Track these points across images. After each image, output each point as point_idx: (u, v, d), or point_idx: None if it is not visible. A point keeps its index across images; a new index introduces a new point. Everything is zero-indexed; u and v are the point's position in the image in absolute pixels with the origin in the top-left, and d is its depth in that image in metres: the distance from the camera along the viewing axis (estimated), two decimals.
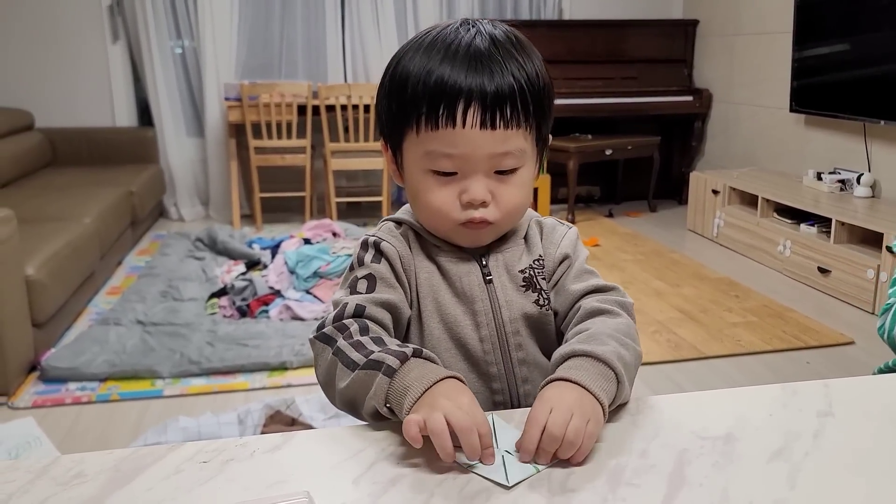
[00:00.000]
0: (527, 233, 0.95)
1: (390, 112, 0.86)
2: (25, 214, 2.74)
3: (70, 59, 4.71)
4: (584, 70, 4.95)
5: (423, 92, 0.82)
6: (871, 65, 3.61)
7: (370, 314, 0.84)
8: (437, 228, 0.89)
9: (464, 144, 0.81)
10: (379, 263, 0.88)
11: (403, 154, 0.87)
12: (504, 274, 0.91)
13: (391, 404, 0.72)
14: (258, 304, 3.08)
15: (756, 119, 4.69)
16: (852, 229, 3.33)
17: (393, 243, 0.90)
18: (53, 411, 2.31)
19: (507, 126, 0.82)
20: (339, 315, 0.83)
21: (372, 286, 0.87)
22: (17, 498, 0.63)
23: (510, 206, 0.86)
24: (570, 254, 0.95)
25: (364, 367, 0.75)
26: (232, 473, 0.67)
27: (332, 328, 0.82)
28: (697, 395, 0.83)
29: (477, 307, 0.89)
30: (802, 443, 0.71)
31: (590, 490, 0.64)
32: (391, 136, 0.89)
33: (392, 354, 0.74)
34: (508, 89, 0.81)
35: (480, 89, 0.80)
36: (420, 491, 0.64)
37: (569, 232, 0.97)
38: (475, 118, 0.81)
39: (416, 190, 0.87)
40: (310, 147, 4.62)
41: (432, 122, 0.81)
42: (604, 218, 4.97)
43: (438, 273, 0.90)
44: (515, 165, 0.85)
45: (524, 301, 0.91)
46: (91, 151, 4.64)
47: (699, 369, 2.63)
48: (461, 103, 0.80)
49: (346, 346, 0.78)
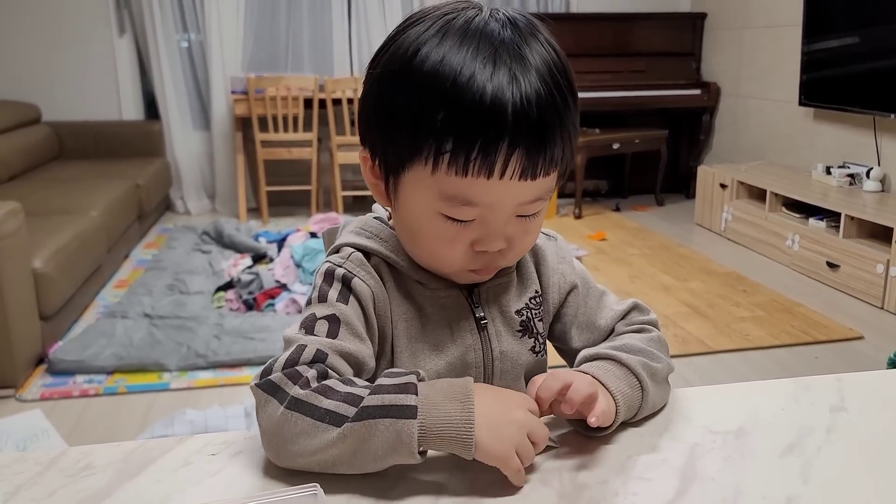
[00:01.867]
0: (518, 262, 0.81)
1: (390, 134, 0.68)
2: (33, 207, 2.75)
3: (77, 53, 4.71)
4: (591, 63, 4.93)
5: (452, 124, 0.63)
6: (881, 58, 3.58)
7: (332, 364, 0.66)
8: (435, 269, 0.75)
9: (495, 195, 0.66)
10: (346, 304, 0.71)
11: (402, 183, 0.69)
12: (499, 316, 0.78)
13: (427, 445, 0.61)
14: (264, 298, 3.08)
15: (765, 113, 4.66)
16: (861, 224, 3.31)
17: (367, 281, 0.73)
18: (61, 404, 2.32)
19: (547, 172, 0.67)
20: (292, 359, 0.65)
21: (334, 331, 0.69)
22: (26, 489, 0.63)
23: (525, 248, 0.74)
24: (576, 281, 0.83)
25: (361, 418, 0.60)
26: (241, 466, 0.66)
27: (281, 375, 0.64)
28: (708, 389, 0.82)
29: (468, 358, 0.76)
30: (815, 437, 0.70)
31: (601, 485, 0.63)
32: (386, 159, 0.70)
33: (396, 391, 0.61)
34: (554, 122, 0.65)
35: (526, 125, 0.63)
36: (430, 484, 0.63)
37: (559, 247, 0.84)
38: (516, 169, 0.64)
39: (416, 230, 0.71)
40: (316, 140, 4.62)
41: (458, 166, 0.64)
42: (611, 212, 4.95)
43: (419, 319, 0.75)
44: (540, 208, 0.71)
45: (520, 349, 0.79)
46: (98, 145, 4.65)
47: (707, 364, 2.62)
48: (503, 151, 0.63)
49: (307, 395, 0.62)
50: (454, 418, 0.61)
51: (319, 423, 0.61)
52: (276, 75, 4.61)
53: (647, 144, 4.92)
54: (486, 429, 0.61)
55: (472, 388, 0.63)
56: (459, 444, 0.61)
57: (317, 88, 4.52)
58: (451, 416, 0.61)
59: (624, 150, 4.87)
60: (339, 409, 0.61)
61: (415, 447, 0.60)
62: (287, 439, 0.62)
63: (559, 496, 0.62)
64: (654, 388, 0.74)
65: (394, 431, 0.59)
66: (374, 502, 0.61)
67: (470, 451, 0.61)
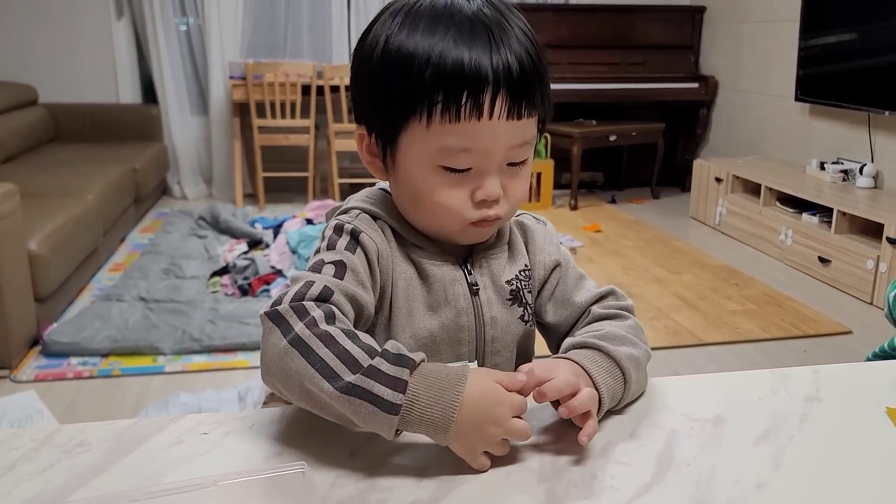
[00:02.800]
0: (510, 237, 0.87)
1: (385, 100, 0.74)
2: (28, 189, 2.75)
3: (74, 35, 4.69)
4: (589, 55, 4.94)
5: (439, 76, 0.70)
6: (877, 55, 3.60)
7: (337, 301, 0.70)
8: (440, 229, 0.79)
9: (486, 138, 0.72)
10: (353, 254, 0.76)
11: (399, 147, 0.76)
12: (490, 285, 0.83)
13: (405, 429, 0.64)
14: (260, 284, 3.10)
15: (761, 107, 4.68)
16: (853, 220, 3.34)
17: (374, 237, 0.78)
18: (55, 385, 2.33)
19: (531, 114, 0.74)
20: (300, 294, 0.69)
21: (340, 273, 0.73)
22: (22, 464, 0.65)
23: (518, 198, 0.79)
24: (560, 259, 0.88)
25: (350, 393, 0.62)
26: (231, 445, 0.68)
27: (288, 307, 0.67)
28: (689, 378, 0.84)
29: (461, 321, 0.80)
30: (789, 426, 0.72)
31: (580, 468, 0.65)
32: (381, 126, 0.76)
33: (387, 384, 0.63)
34: (530, 66, 0.72)
35: (507, 71, 0.71)
36: (415, 465, 0.65)
37: (547, 231, 0.90)
38: (503, 108, 0.71)
39: (417, 189, 0.76)
40: (313, 127, 4.62)
41: (451, 114, 0.71)
42: (606, 204, 4.97)
43: (418, 278, 0.80)
44: (527, 156, 0.77)
45: (510, 317, 0.83)
46: (94, 128, 4.64)
47: (696, 356, 2.64)
48: (489, 91, 0.70)
49: (310, 338, 0.65)
50: (435, 421, 0.63)
51: (313, 371, 0.63)
52: (275, 61, 4.60)
53: (643, 137, 4.93)
54: (460, 436, 0.64)
55: (462, 392, 0.63)
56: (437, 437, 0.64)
57: (315, 75, 4.52)
58: (433, 419, 0.63)
59: (621, 143, 4.88)
60: (335, 364, 0.63)
61: (392, 434, 0.63)
62: (284, 374, 0.65)
63: (539, 478, 0.64)
64: (637, 379, 0.76)
65: (376, 420, 0.63)
66: (361, 480, 0.63)
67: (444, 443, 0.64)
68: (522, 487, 0.62)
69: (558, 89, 4.75)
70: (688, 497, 0.61)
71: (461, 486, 0.62)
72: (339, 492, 0.61)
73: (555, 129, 4.74)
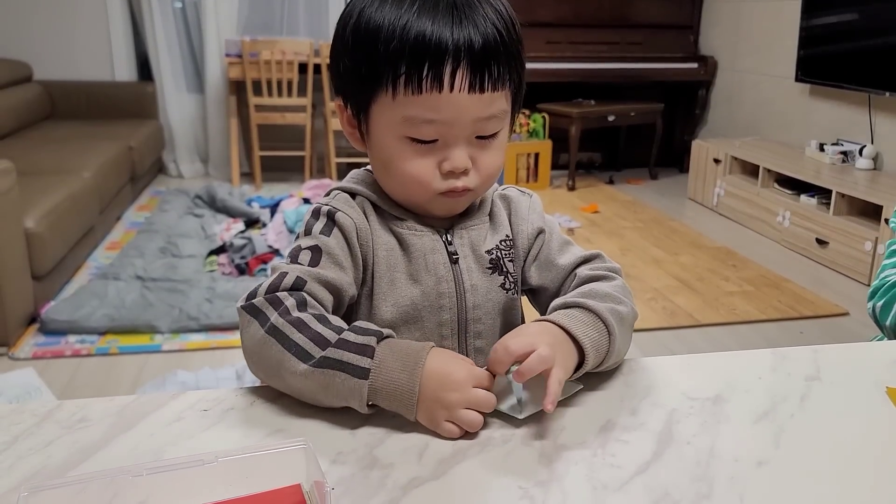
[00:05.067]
0: (492, 209, 0.88)
1: (355, 71, 0.76)
2: (24, 167, 2.73)
3: (69, 11, 4.64)
4: (588, 34, 4.90)
5: (402, 49, 0.72)
6: (878, 35, 3.58)
7: (310, 290, 0.74)
8: (410, 198, 0.82)
9: (449, 110, 0.73)
10: (329, 236, 0.79)
11: (371, 117, 0.78)
12: (470, 254, 0.84)
13: (376, 401, 0.67)
14: (257, 263, 3.09)
15: (761, 88, 4.66)
16: (852, 201, 3.34)
17: (350, 214, 0.81)
18: (53, 363, 2.34)
19: (495, 88, 0.75)
20: (274, 285, 0.73)
21: (316, 260, 0.77)
22: (24, 440, 0.65)
23: (490, 171, 0.80)
24: (543, 226, 0.89)
25: (323, 366, 0.67)
26: (232, 421, 0.68)
27: (263, 300, 0.71)
28: (689, 357, 0.84)
29: (442, 288, 0.82)
30: (789, 405, 0.72)
31: (580, 445, 0.65)
32: (354, 97, 0.79)
33: (355, 351, 0.67)
34: (494, 42, 0.73)
35: (469, 45, 0.72)
36: (415, 442, 0.65)
37: (532, 202, 0.90)
38: (464, 80, 0.72)
39: (387, 158, 0.78)
40: (310, 106, 4.59)
41: (413, 85, 0.72)
42: (604, 185, 4.96)
43: (399, 248, 0.82)
44: (497, 129, 0.78)
45: (490, 284, 0.84)
46: (90, 105, 4.61)
47: (693, 337, 2.65)
48: (449, 63, 0.72)
49: (283, 325, 0.69)
50: (401, 387, 0.66)
51: (289, 355, 0.68)
52: (271, 39, 4.56)
53: (642, 117, 4.91)
54: (424, 405, 0.67)
55: (424, 359, 0.67)
56: (403, 409, 0.67)
57: (312, 53, 4.48)
58: (398, 383, 0.66)
59: (619, 123, 4.86)
60: (307, 346, 0.68)
61: (364, 403, 0.67)
62: (265, 362, 0.70)
63: (540, 455, 0.64)
64: (622, 334, 0.76)
65: (347, 387, 0.66)
66: (362, 457, 0.63)
67: (412, 416, 0.67)
68: (522, 465, 0.62)
69: (557, 68, 4.73)
70: (688, 475, 0.61)
71: (461, 464, 0.62)
72: (341, 468, 0.61)
73: (553, 109, 4.71)
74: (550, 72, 4.68)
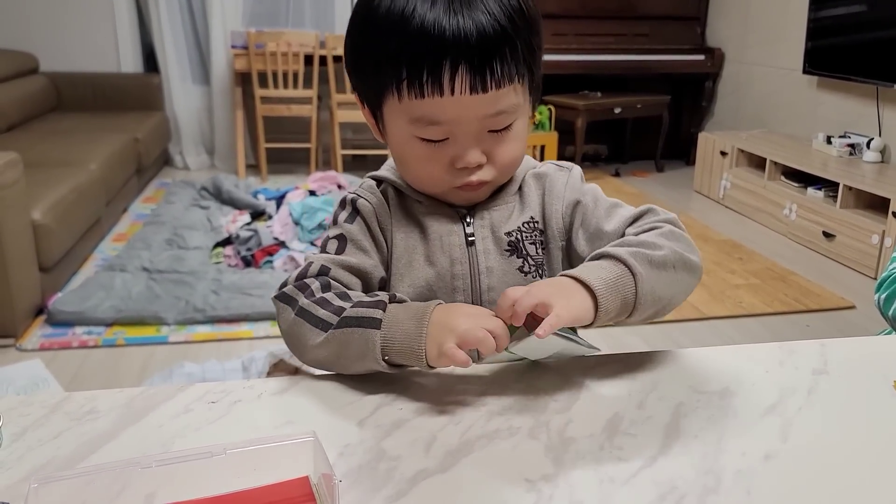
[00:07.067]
0: (521, 188, 0.87)
1: (365, 74, 0.78)
2: (31, 159, 2.74)
3: (75, 3, 4.64)
4: (595, 26, 4.87)
5: (402, 54, 0.72)
6: (886, 27, 3.55)
7: (335, 276, 0.79)
8: (427, 191, 0.84)
9: (453, 111, 0.74)
10: (352, 223, 0.84)
11: (384, 117, 0.79)
12: (489, 236, 0.85)
13: (390, 355, 0.70)
14: (262, 255, 3.10)
15: (768, 80, 4.63)
16: (859, 194, 3.32)
17: (370, 200, 0.85)
18: (60, 354, 2.35)
19: (499, 85, 0.73)
20: (301, 274, 0.79)
21: (341, 247, 0.82)
22: (33, 431, 0.65)
23: (506, 162, 0.80)
24: (580, 198, 0.86)
25: (340, 326, 0.71)
26: (239, 414, 0.69)
27: (292, 287, 0.78)
28: (696, 350, 0.84)
29: (456, 270, 0.84)
30: (796, 399, 0.72)
31: (587, 438, 0.65)
32: (368, 98, 0.81)
33: (369, 306, 0.72)
34: (496, 38, 0.72)
35: (466, 46, 0.71)
36: (422, 434, 0.65)
37: (571, 177, 0.88)
38: (464, 84, 0.72)
39: (401, 156, 0.81)
40: (316, 98, 4.58)
41: (416, 90, 0.73)
42: (610, 177, 4.95)
43: (418, 232, 0.85)
44: (509, 122, 0.77)
45: (507, 267, 0.85)
46: (96, 97, 4.61)
47: (699, 329, 2.65)
48: (447, 67, 0.71)
49: (309, 305, 0.74)
50: (410, 333, 0.69)
51: (314, 329, 0.73)
52: (277, 30, 4.55)
53: (648, 110, 4.89)
54: (431, 340, 0.69)
55: (432, 309, 0.71)
56: (413, 357, 0.69)
57: (318, 45, 4.47)
58: (408, 331, 0.69)
59: (625, 115, 4.84)
60: (329, 318, 0.73)
61: (378, 354, 0.69)
62: (296, 340, 0.75)
63: (546, 448, 0.64)
64: (652, 273, 0.72)
65: (363, 339, 0.70)
66: (369, 450, 0.63)
67: (422, 361, 0.69)
68: (529, 457, 0.63)
69: (564, 60, 4.70)
70: (695, 469, 0.61)
71: (468, 456, 0.63)
72: (348, 461, 0.62)
73: (559, 101, 4.70)
74: (556, 63, 4.66)
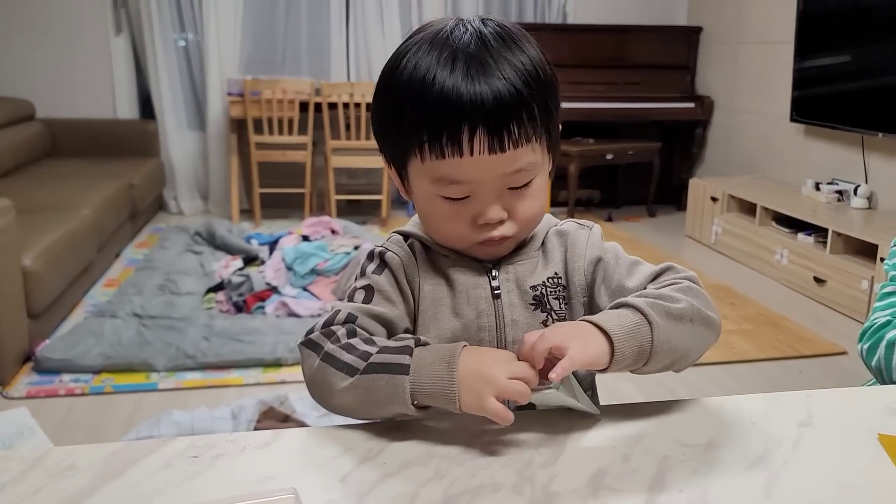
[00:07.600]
0: (544, 244, 0.90)
1: (390, 136, 0.82)
2: (24, 204, 2.75)
3: (72, 51, 4.71)
4: (587, 74, 4.96)
5: (423, 118, 0.76)
6: (870, 77, 3.63)
7: (361, 324, 0.80)
8: (452, 246, 0.86)
9: (473, 171, 0.77)
10: (380, 275, 0.85)
11: (409, 177, 0.82)
12: (514, 289, 0.86)
13: (419, 399, 0.71)
14: (255, 300, 3.09)
15: (757, 127, 4.70)
16: (848, 240, 3.35)
17: (398, 253, 0.86)
18: (47, 402, 2.32)
19: (517, 145, 0.76)
20: (328, 321, 0.80)
21: (369, 297, 0.84)
22: (11, 487, 0.64)
23: (527, 217, 0.83)
24: (601, 255, 0.89)
25: (367, 372, 0.72)
26: (221, 469, 0.68)
27: (319, 334, 0.79)
28: (681, 402, 0.84)
29: (482, 322, 0.85)
30: (782, 451, 0.72)
31: (571, 493, 0.65)
32: (394, 159, 0.84)
33: (395, 352, 0.73)
34: (512, 102, 0.75)
35: (483, 111, 0.74)
36: (405, 490, 0.65)
37: (592, 235, 0.91)
38: (482, 145, 0.75)
39: (425, 213, 0.84)
40: (311, 144, 4.63)
41: (436, 152, 0.76)
42: (603, 222, 4.98)
43: (445, 284, 0.86)
44: (528, 179, 0.80)
45: (531, 321, 0.86)
46: (92, 143, 4.65)
47: (692, 375, 2.64)
48: (465, 131, 0.75)
49: (335, 350, 0.75)
50: (441, 377, 0.71)
51: (339, 373, 0.74)
52: (273, 78, 4.62)
53: (640, 156, 4.95)
54: (466, 387, 0.71)
55: (459, 352, 0.72)
56: (445, 400, 0.71)
57: (313, 92, 4.53)
58: (438, 376, 0.71)
59: (617, 161, 4.90)
60: (354, 363, 0.74)
61: (408, 399, 0.71)
62: (321, 385, 0.76)
63: (530, 503, 0.63)
64: (668, 324, 0.75)
65: (391, 386, 0.71)
66: None
67: (455, 406, 0.71)
68: None
69: None
70: None
71: None
72: None
73: None
74: None
